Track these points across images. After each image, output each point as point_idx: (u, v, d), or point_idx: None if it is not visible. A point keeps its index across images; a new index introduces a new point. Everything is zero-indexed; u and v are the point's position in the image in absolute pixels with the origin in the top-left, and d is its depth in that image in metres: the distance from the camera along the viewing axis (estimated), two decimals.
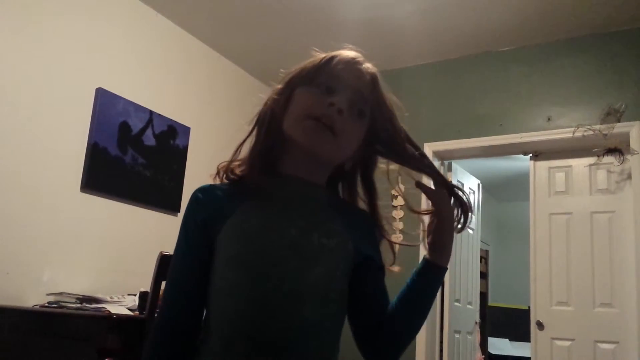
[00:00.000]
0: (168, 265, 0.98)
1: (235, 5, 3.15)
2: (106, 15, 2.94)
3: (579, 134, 3.03)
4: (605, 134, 2.97)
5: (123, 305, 2.31)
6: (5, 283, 2.39)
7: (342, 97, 0.89)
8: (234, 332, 0.85)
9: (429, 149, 3.51)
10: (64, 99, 2.70)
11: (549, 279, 3.26)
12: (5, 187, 2.43)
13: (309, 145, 0.89)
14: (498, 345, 5.83)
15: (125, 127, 2.96)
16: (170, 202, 3.20)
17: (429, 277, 0.93)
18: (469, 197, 0.95)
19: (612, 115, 2.98)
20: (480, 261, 4.99)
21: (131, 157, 2.98)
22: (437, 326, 3.53)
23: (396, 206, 3.30)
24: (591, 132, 3.00)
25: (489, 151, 3.52)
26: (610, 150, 3.01)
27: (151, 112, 3.12)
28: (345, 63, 0.92)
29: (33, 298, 2.45)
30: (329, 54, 0.94)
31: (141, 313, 2.16)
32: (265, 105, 0.95)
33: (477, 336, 4.36)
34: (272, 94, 0.95)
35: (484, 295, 5.71)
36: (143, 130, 3.07)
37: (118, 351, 1.89)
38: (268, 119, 0.93)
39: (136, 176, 3.01)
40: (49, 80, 2.63)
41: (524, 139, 3.28)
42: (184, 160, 3.33)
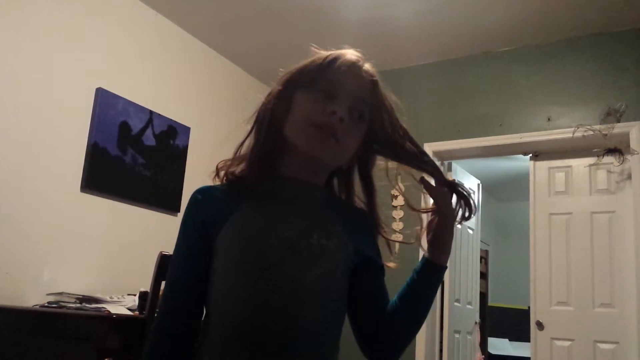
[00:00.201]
0: (168, 266, 0.98)
1: (235, 5, 3.15)
2: (106, 15, 2.94)
3: (579, 134, 3.03)
4: (605, 134, 2.97)
5: (123, 305, 2.31)
6: (5, 283, 2.39)
7: (343, 105, 0.89)
8: (233, 333, 0.85)
9: (429, 149, 3.50)
10: (64, 99, 2.70)
11: (549, 279, 3.26)
12: (6, 187, 2.43)
13: (311, 152, 0.89)
14: (498, 345, 5.83)
15: (125, 127, 2.96)
16: (170, 202, 3.20)
17: (428, 276, 0.93)
18: (470, 192, 0.94)
19: (612, 116, 2.98)
20: (480, 261, 4.98)
21: (131, 157, 2.98)
22: (437, 326, 3.52)
23: (396, 206, 3.30)
24: (591, 132, 3.00)
25: (489, 151, 3.52)
26: (610, 151, 3.01)
27: (151, 112, 3.12)
28: (346, 68, 0.91)
29: (33, 298, 2.45)
30: (330, 54, 0.93)
31: (141, 313, 2.16)
32: (265, 105, 0.95)
33: (477, 336, 4.36)
34: (272, 95, 0.94)
35: (484, 296, 5.71)
36: (143, 130, 3.07)
37: (118, 351, 1.89)
38: (268, 121, 0.93)
39: (136, 176, 3.01)
40: (49, 80, 2.63)
41: (524, 139, 3.28)
42: (184, 160, 3.33)
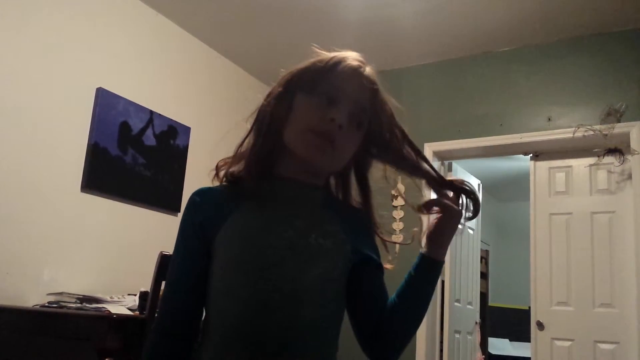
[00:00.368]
0: (168, 266, 0.98)
1: (235, 5, 3.15)
2: (106, 15, 2.94)
3: (579, 134, 3.03)
4: (606, 134, 2.97)
5: (123, 305, 2.31)
6: (5, 283, 2.39)
7: (343, 112, 0.89)
8: (232, 333, 0.86)
9: (429, 149, 3.51)
10: (64, 99, 2.70)
11: (549, 279, 3.26)
12: (6, 187, 2.43)
13: (308, 157, 0.90)
14: (498, 345, 5.83)
15: (125, 127, 2.96)
16: (170, 202, 3.20)
17: (427, 272, 0.93)
18: (474, 188, 0.94)
19: (613, 116, 2.98)
20: (481, 261, 4.98)
21: (131, 157, 2.98)
22: (437, 326, 3.52)
23: (396, 206, 3.30)
24: (591, 132, 3.00)
25: (489, 151, 3.52)
26: (611, 151, 3.01)
27: (151, 112, 3.12)
28: (348, 73, 0.91)
29: (33, 298, 2.45)
30: (332, 58, 0.92)
31: (141, 313, 2.16)
32: (265, 105, 0.94)
33: (477, 336, 4.36)
34: (272, 96, 0.94)
35: (484, 296, 5.70)
36: (143, 130, 3.07)
37: (118, 351, 1.89)
38: (267, 122, 0.93)
39: (136, 176, 3.01)
40: (49, 80, 2.63)
41: (524, 139, 3.28)
42: (185, 160, 3.33)
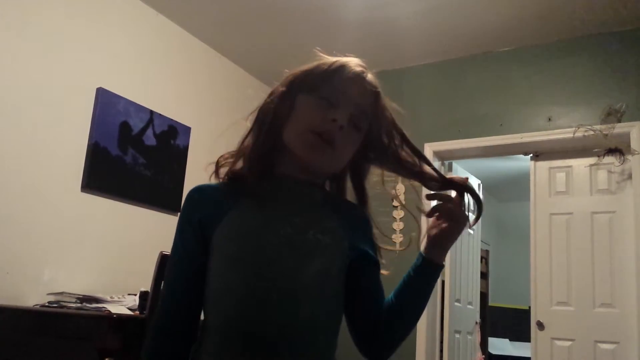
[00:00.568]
0: None
1: (236, 5, 3.15)
2: (106, 15, 2.94)
3: (579, 134, 3.03)
4: (606, 134, 2.97)
5: (123, 305, 2.31)
6: (5, 283, 2.39)
7: (344, 113, 0.90)
8: (231, 330, 0.86)
9: (429, 149, 3.51)
10: (64, 99, 2.70)
11: (549, 279, 3.26)
12: (6, 187, 2.43)
13: (307, 157, 0.91)
14: (498, 345, 5.83)
15: (125, 127, 2.96)
16: (170, 202, 3.19)
17: (427, 275, 0.94)
18: (474, 188, 0.94)
19: (613, 116, 2.98)
20: (481, 261, 4.98)
21: (132, 157, 2.99)
22: (438, 326, 3.52)
23: (396, 206, 3.30)
24: (592, 132, 3.00)
25: (489, 151, 3.52)
26: (611, 151, 3.01)
27: (152, 112, 3.12)
28: (351, 77, 0.92)
29: (33, 298, 2.45)
30: (336, 62, 0.94)
31: (141, 313, 2.16)
32: (267, 104, 0.95)
33: (478, 336, 4.36)
34: (275, 95, 0.94)
35: (484, 296, 5.70)
36: (143, 130, 3.07)
37: (118, 351, 1.89)
38: (269, 121, 0.93)
39: (136, 176, 3.01)
40: (49, 80, 2.63)
41: (525, 139, 3.28)
42: (185, 160, 3.33)
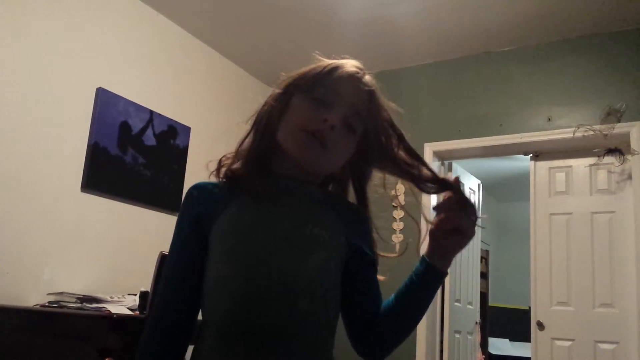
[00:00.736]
0: None
1: (235, 5, 3.15)
2: (106, 15, 2.94)
3: (579, 134, 3.03)
4: (606, 134, 2.97)
5: (123, 304, 2.31)
6: (5, 283, 2.39)
7: (337, 114, 0.90)
8: (229, 325, 0.86)
9: (429, 149, 3.51)
10: (64, 99, 2.70)
11: (549, 279, 3.26)
12: (6, 187, 2.43)
13: (299, 155, 0.91)
14: (498, 345, 5.83)
15: (125, 127, 2.96)
16: (170, 202, 3.19)
17: (430, 281, 0.93)
18: (466, 193, 0.93)
19: (613, 116, 2.98)
20: (481, 261, 4.98)
21: (131, 157, 2.99)
22: (438, 326, 3.53)
23: (396, 206, 3.29)
24: (591, 133, 3.00)
25: (489, 151, 3.52)
26: (611, 151, 3.01)
27: (151, 112, 3.13)
28: (345, 78, 0.93)
29: (33, 298, 2.45)
30: (331, 64, 0.94)
31: (141, 313, 2.16)
32: (264, 106, 0.97)
33: (478, 336, 4.36)
34: (271, 97, 0.96)
35: (484, 296, 5.70)
36: (143, 130, 3.07)
37: (118, 351, 1.89)
38: (265, 122, 0.95)
39: (136, 176, 3.01)
40: (49, 80, 2.63)
41: (524, 139, 3.28)
42: (184, 160, 3.33)
